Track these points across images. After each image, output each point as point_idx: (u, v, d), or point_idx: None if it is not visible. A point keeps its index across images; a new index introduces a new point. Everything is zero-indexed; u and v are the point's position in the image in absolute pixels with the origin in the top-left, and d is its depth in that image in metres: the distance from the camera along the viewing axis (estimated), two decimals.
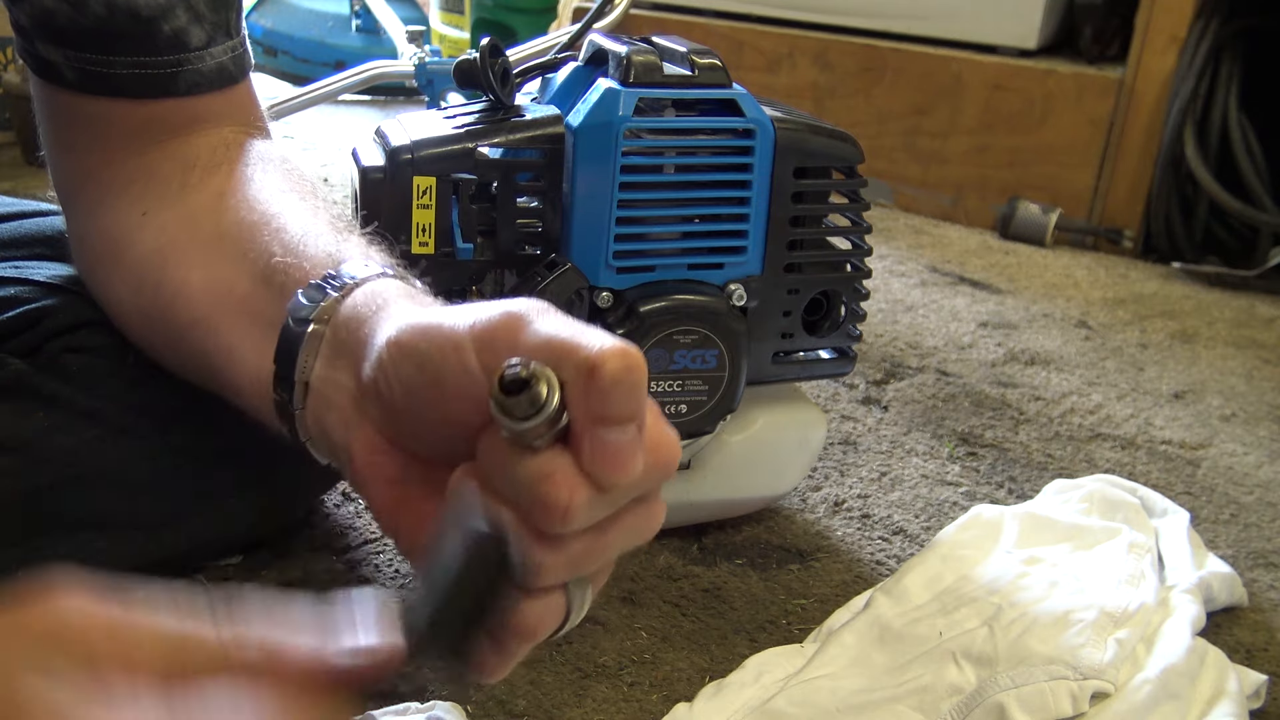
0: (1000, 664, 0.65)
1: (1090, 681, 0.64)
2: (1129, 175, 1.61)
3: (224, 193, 0.59)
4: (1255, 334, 1.37)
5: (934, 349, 1.23)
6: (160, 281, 0.59)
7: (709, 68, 0.70)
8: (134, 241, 0.61)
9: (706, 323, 0.72)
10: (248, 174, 0.60)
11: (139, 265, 0.60)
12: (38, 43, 0.60)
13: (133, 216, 0.61)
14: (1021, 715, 0.62)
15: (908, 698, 0.64)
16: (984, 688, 0.64)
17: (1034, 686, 0.63)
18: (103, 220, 0.63)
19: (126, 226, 0.61)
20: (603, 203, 0.69)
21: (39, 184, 1.48)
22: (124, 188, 0.62)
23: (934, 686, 0.64)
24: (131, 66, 0.60)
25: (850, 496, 0.90)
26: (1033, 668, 0.64)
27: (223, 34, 0.63)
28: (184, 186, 0.60)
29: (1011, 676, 0.64)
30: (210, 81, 0.63)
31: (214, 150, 0.62)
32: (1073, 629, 0.67)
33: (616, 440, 0.35)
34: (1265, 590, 0.82)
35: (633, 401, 0.36)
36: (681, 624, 0.72)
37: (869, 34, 1.75)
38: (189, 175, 0.61)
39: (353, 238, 0.54)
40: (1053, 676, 0.64)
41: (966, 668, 0.65)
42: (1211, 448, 1.04)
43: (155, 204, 0.61)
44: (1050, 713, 0.62)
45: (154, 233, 0.60)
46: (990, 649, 0.66)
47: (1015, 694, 0.63)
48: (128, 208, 0.62)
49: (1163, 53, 1.57)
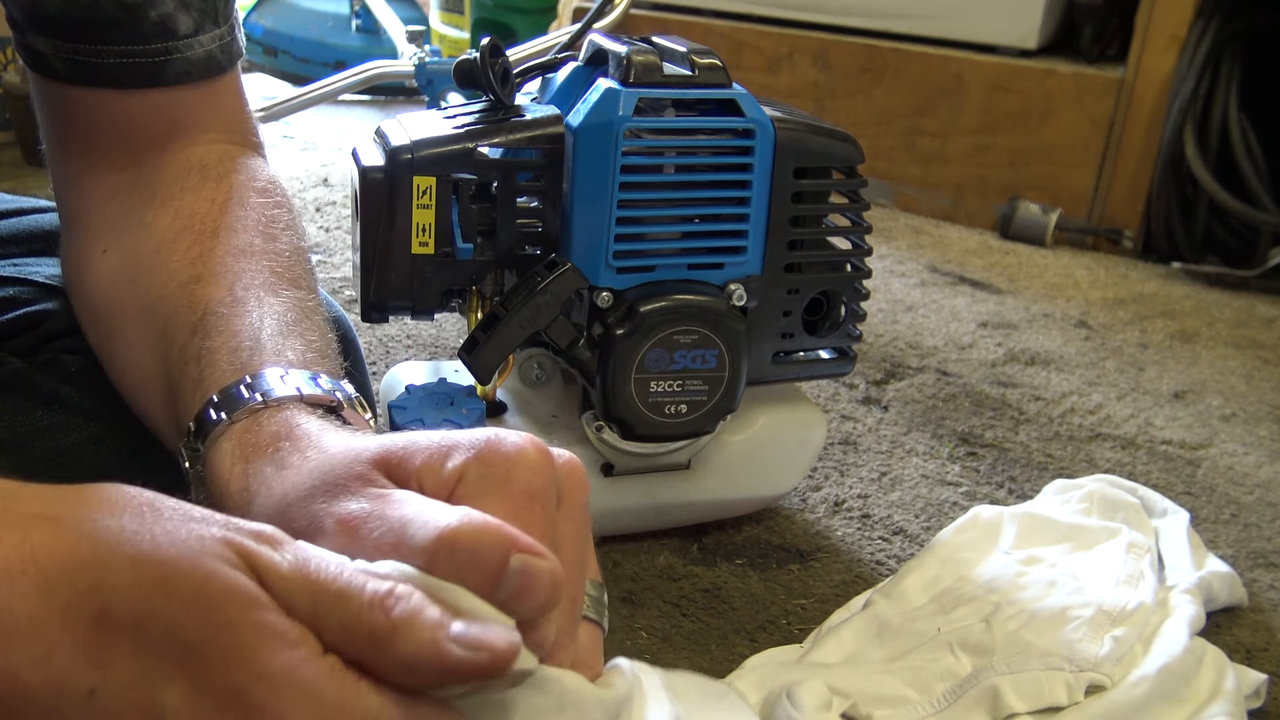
0: (997, 654, 0.65)
1: (1086, 674, 0.64)
2: (1129, 175, 1.61)
3: (164, 243, 0.56)
4: (1255, 334, 1.37)
5: (934, 349, 1.23)
6: (108, 348, 0.59)
7: (709, 68, 0.70)
8: (86, 282, 0.60)
9: (706, 323, 0.72)
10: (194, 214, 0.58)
11: (91, 310, 0.61)
12: (29, 34, 0.60)
13: (94, 253, 0.61)
14: (1015, 699, 0.62)
15: (900, 673, 0.64)
16: (979, 672, 0.64)
17: (1029, 674, 0.63)
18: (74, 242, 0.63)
19: (87, 261, 0.61)
20: (603, 203, 0.69)
21: (39, 184, 1.48)
22: (97, 207, 0.62)
23: (929, 668, 0.64)
24: (120, 55, 0.60)
25: (850, 496, 0.90)
26: (1029, 658, 0.64)
27: (210, 21, 0.63)
28: (140, 223, 0.59)
29: (1008, 663, 0.64)
30: (199, 70, 0.63)
31: (176, 178, 0.60)
32: (1070, 625, 0.67)
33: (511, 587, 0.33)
34: (1265, 590, 0.82)
35: (490, 554, 0.33)
36: (681, 624, 0.72)
37: (869, 34, 1.75)
38: (146, 210, 0.59)
39: (250, 320, 0.50)
40: (1049, 667, 0.64)
41: (963, 657, 0.65)
42: (1211, 448, 1.04)
43: (113, 240, 0.60)
44: (1045, 700, 0.63)
45: (106, 278, 0.59)
46: (987, 640, 0.66)
47: (1010, 679, 0.63)
48: (94, 239, 0.61)
49: (1163, 53, 1.57)
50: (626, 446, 0.75)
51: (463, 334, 0.76)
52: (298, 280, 0.55)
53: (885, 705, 0.62)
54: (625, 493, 0.78)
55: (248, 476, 0.41)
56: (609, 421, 0.73)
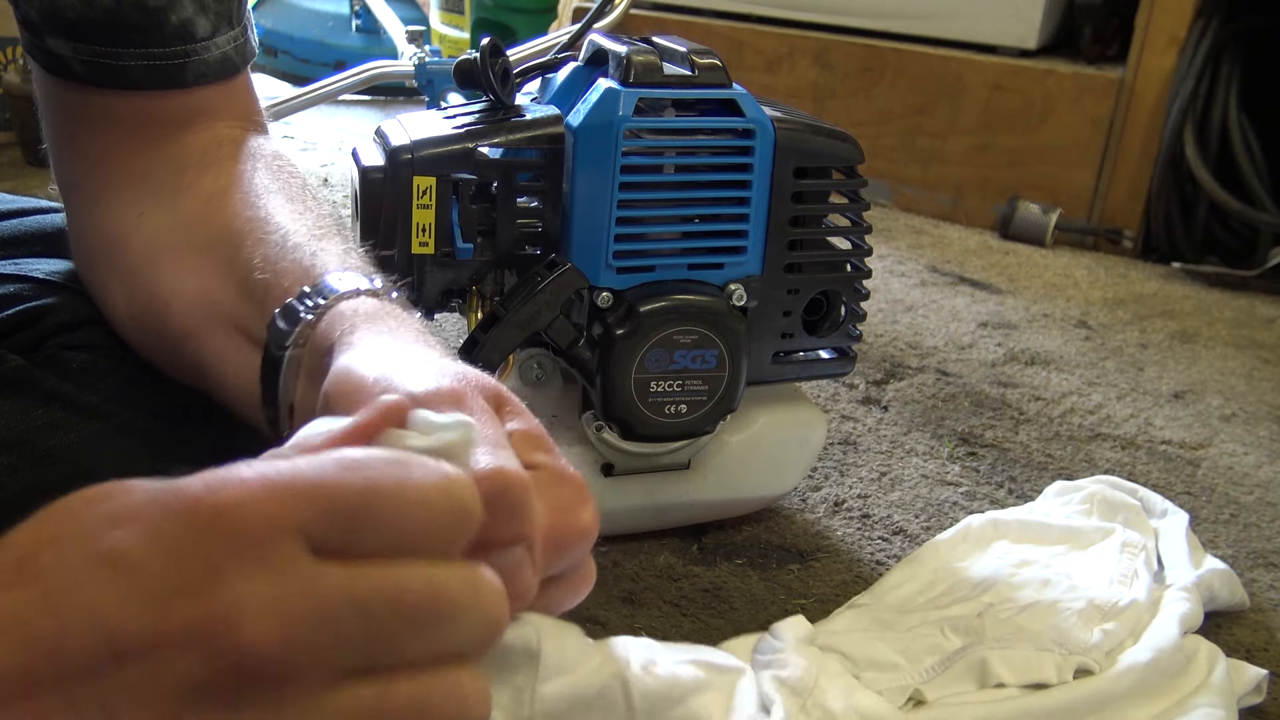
0: (987, 637, 0.65)
1: (1075, 657, 0.64)
2: (1129, 175, 1.61)
3: (213, 195, 0.59)
4: (1255, 334, 1.37)
5: (934, 349, 1.23)
6: (154, 291, 0.59)
7: (709, 68, 0.70)
8: (129, 245, 0.61)
9: (706, 323, 0.72)
10: (238, 174, 0.60)
11: (133, 270, 0.61)
12: (46, 37, 0.61)
13: (129, 218, 0.61)
14: (1004, 670, 0.63)
15: (893, 642, 0.64)
16: (969, 647, 0.64)
17: (1019, 651, 0.64)
18: (100, 218, 0.63)
19: (122, 228, 0.62)
20: (603, 203, 0.69)
21: (39, 184, 1.48)
22: (122, 186, 0.62)
23: (920, 642, 0.65)
24: (140, 58, 0.61)
25: (850, 496, 0.90)
26: (1020, 640, 0.65)
27: (226, 23, 0.64)
28: (177, 189, 0.61)
29: (998, 641, 0.64)
30: (215, 72, 0.64)
31: (206, 150, 0.62)
32: (1060, 615, 0.68)
33: (498, 563, 0.33)
34: (1265, 590, 0.82)
35: (511, 525, 0.34)
36: (681, 624, 0.72)
37: (869, 34, 1.75)
38: (182, 177, 0.61)
39: (332, 245, 0.53)
40: (1039, 648, 0.64)
41: (953, 637, 0.66)
42: (1211, 448, 1.04)
43: (150, 205, 0.61)
44: (1033, 675, 0.63)
45: (148, 236, 0.60)
46: (978, 625, 0.66)
47: (1000, 654, 0.64)
48: (125, 207, 0.62)
49: (1163, 53, 1.57)
50: (626, 446, 0.75)
51: (463, 334, 0.76)
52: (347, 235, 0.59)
53: (874, 668, 0.62)
54: (625, 493, 0.78)
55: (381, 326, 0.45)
56: (609, 421, 0.73)
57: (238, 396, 0.53)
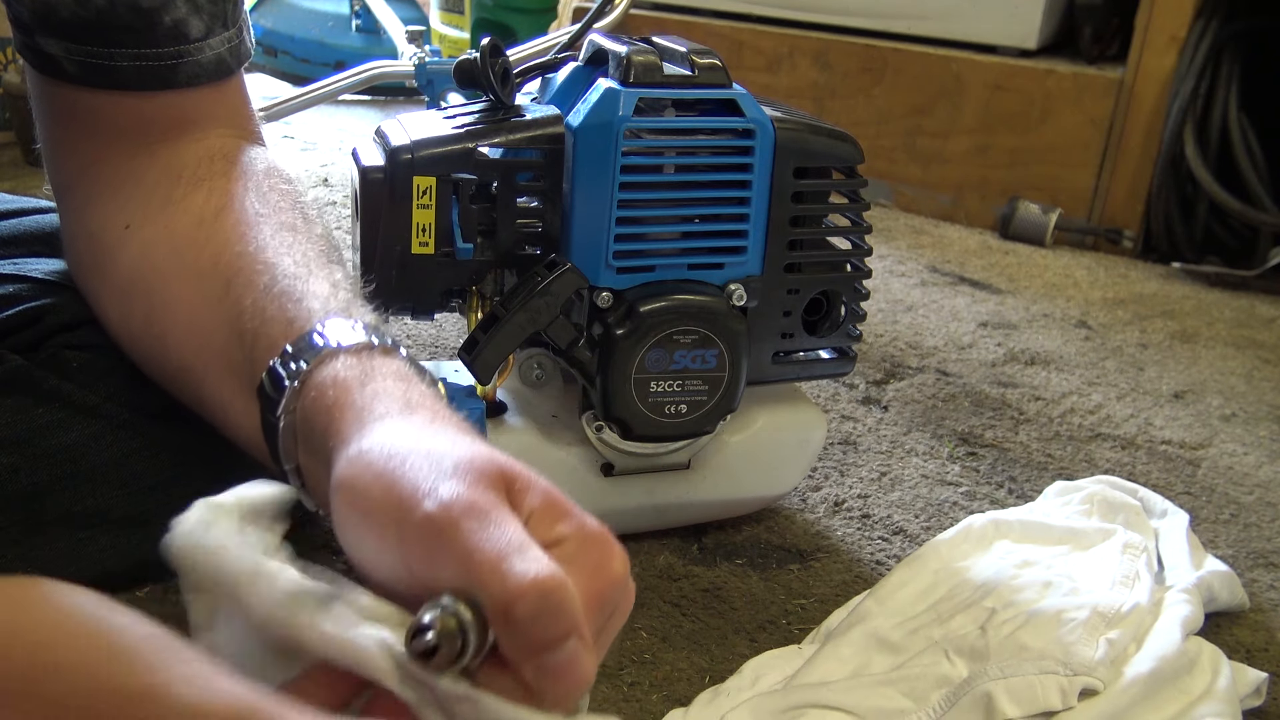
0: (992, 659, 0.65)
1: (1080, 678, 0.64)
2: (1129, 175, 1.61)
3: (204, 218, 0.59)
4: (1255, 334, 1.37)
5: (934, 349, 1.23)
6: (147, 317, 0.59)
7: (709, 68, 0.70)
8: (117, 260, 0.61)
9: (706, 323, 0.72)
10: (229, 195, 0.60)
11: (123, 290, 0.60)
12: (38, 36, 0.61)
13: (116, 228, 0.61)
14: (1008, 704, 0.62)
15: (898, 683, 0.64)
16: (973, 678, 0.64)
17: (1023, 678, 0.64)
18: (90, 223, 0.63)
19: (110, 239, 0.61)
20: (603, 203, 0.69)
21: (39, 183, 1.48)
22: (112, 191, 0.62)
23: (924, 676, 0.64)
24: (133, 59, 0.61)
25: (850, 496, 0.90)
26: (1023, 661, 0.64)
27: (220, 25, 0.63)
28: (167, 202, 0.60)
29: (1001, 668, 0.64)
30: (209, 73, 0.63)
31: (199, 163, 0.62)
32: (1065, 627, 0.67)
33: (554, 662, 0.34)
34: (1265, 590, 0.82)
35: (559, 624, 0.34)
36: (681, 624, 0.72)
37: (869, 34, 1.75)
38: (174, 190, 0.60)
39: (318, 285, 0.52)
40: (1043, 670, 0.64)
41: (958, 662, 0.66)
42: (1211, 448, 1.04)
43: (139, 216, 0.61)
44: (1038, 705, 0.63)
45: (135, 253, 0.60)
46: (982, 645, 0.66)
47: (1004, 684, 0.63)
48: (113, 214, 0.61)
49: (1163, 53, 1.57)
50: (626, 446, 0.75)
51: (463, 334, 0.76)
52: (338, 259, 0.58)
53: (884, 718, 0.62)
54: (625, 493, 0.78)
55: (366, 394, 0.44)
56: (609, 421, 0.73)
57: (247, 445, 0.53)
